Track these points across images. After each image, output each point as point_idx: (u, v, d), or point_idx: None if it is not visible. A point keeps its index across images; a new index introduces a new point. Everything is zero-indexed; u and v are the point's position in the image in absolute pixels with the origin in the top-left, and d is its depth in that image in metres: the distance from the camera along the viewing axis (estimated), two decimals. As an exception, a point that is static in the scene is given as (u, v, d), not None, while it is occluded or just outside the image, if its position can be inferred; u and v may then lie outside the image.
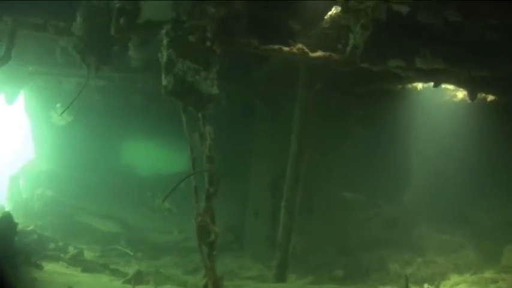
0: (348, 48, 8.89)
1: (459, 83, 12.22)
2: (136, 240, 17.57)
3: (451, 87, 14.38)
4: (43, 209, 18.39)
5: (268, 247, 14.93)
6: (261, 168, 16.34)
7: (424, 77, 11.46)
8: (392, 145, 16.38)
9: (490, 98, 13.73)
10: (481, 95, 13.42)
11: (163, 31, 8.06)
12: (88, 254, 15.27)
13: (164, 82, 7.96)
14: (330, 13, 8.59)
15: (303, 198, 15.27)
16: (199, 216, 7.77)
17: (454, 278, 14.02)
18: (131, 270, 13.23)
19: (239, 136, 18.57)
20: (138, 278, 11.95)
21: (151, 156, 30.81)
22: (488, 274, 13.72)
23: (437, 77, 11.32)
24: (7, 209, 16.58)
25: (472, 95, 12.31)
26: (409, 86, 14.64)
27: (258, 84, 14.73)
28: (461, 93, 14.91)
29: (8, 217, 10.38)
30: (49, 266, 12.46)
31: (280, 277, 10.81)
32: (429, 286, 13.57)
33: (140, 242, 17.53)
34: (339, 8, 8.30)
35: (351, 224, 15.48)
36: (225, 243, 16.94)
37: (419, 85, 14.53)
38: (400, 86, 14.45)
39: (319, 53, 9.38)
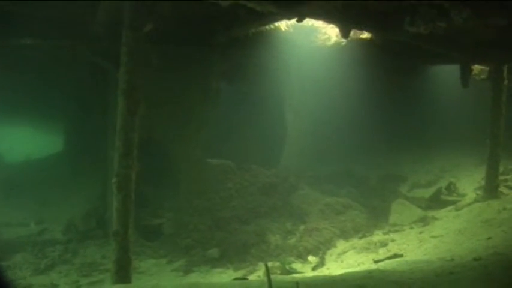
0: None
1: (328, 17, 9.61)
2: (-17, 239, 14.21)
3: (322, 26, 11.98)
4: None
5: (134, 231, 12.24)
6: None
7: (286, 9, 8.79)
8: (264, 101, 13.97)
9: (366, 36, 11.28)
10: (355, 34, 10.98)
11: None
12: None
13: None
14: None
15: (165, 169, 12.74)
16: None
17: (341, 244, 11.84)
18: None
19: (94, 105, 15.58)
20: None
21: (19, 140, 27.23)
22: (377, 236, 11.64)
23: (299, 8, 8.66)
24: None
25: (344, 31, 9.81)
26: (274, 27, 11.93)
27: (99, 39, 11.57)
28: (334, 35, 12.45)
29: None
30: None
31: (122, 274, 7.83)
32: (314, 258, 11.18)
33: (-12, 240, 14.17)
34: None
35: (221, 194, 12.84)
36: (86, 230, 14.23)
37: (284, 26, 11.89)
38: (265, 29, 11.72)
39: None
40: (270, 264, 11.34)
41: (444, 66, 13.54)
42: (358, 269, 8.70)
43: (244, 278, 7.64)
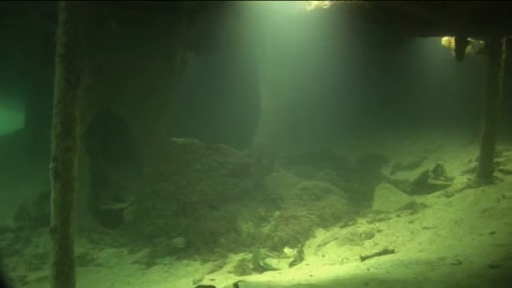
0: None
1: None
2: None
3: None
4: None
5: (92, 217, 11.54)
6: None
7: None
8: (235, 74, 12.38)
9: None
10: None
11: None
12: None
13: None
14: None
15: (127, 148, 11.23)
16: None
17: (321, 234, 10.39)
18: None
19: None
20: None
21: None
22: (361, 226, 10.13)
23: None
24: None
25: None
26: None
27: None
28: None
29: None
30: None
31: (63, 280, 6.14)
32: (290, 250, 9.65)
33: None
34: None
35: (188, 176, 11.23)
36: (40, 216, 12.37)
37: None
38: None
39: None
40: (241, 255, 9.90)
41: (433, 40, 12.05)
42: (345, 269, 7.19)
43: (211, 286, 6.05)
